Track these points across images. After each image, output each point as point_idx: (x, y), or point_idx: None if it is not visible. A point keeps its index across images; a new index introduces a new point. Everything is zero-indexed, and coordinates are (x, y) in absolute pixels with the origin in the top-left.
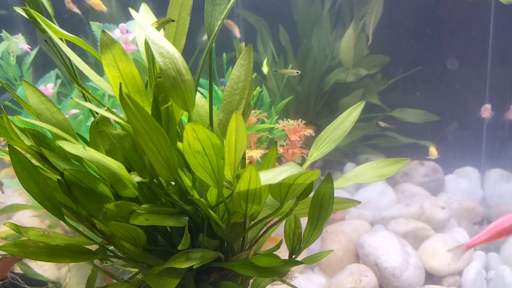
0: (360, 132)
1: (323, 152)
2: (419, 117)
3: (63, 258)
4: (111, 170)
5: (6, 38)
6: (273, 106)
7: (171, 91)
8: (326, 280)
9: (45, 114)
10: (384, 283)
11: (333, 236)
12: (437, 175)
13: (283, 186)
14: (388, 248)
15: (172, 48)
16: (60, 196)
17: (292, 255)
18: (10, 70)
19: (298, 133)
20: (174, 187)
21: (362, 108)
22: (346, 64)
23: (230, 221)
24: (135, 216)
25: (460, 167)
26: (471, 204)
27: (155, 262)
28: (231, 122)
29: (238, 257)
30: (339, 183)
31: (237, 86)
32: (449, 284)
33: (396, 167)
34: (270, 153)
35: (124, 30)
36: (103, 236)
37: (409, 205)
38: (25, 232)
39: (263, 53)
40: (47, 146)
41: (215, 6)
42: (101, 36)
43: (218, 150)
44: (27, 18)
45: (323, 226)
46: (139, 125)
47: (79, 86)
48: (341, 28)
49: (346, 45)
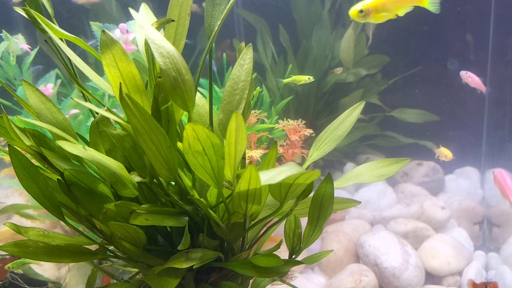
0: (360, 132)
1: (323, 152)
2: (419, 117)
3: (63, 258)
4: (111, 170)
5: (6, 38)
6: (273, 106)
7: (171, 91)
8: (326, 280)
9: (45, 114)
10: (384, 283)
11: (333, 236)
12: (437, 175)
13: (283, 186)
14: (388, 248)
15: (172, 48)
16: (60, 196)
17: (292, 255)
18: (10, 70)
19: (298, 133)
20: (174, 187)
21: (362, 108)
22: (346, 64)
23: (230, 221)
24: (135, 216)
25: (460, 167)
26: (471, 204)
27: (155, 262)
28: (231, 122)
29: (238, 257)
30: (339, 183)
31: (237, 86)
32: (449, 284)
33: (396, 167)
34: (270, 153)
35: (124, 30)
36: (103, 236)
37: (409, 205)
38: (25, 232)
39: (263, 53)
40: (47, 146)
41: (215, 6)
42: (101, 36)
43: (218, 150)
44: (27, 18)
45: (323, 226)
46: (139, 125)
47: (79, 86)
48: (341, 28)
49: (346, 45)
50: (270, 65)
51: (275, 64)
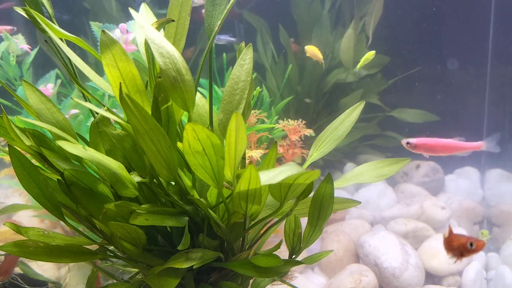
0: (360, 132)
1: (323, 152)
2: (419, 117)
3: (63, 258)
4: (111, 170)
5: (6, 38)
6: (273, 106)
7: (171, 91)
8: (326, 280)
9: (45, 114)
10: (384, 283)
11: (333, 236)
12: (437, 175)
13: (283, 186)
14: (388, 248)
15: (172, 48)
16: (60, 196)
17: (292, 255)
18: (10, 70)
19: (298, 133)
20: (174, 187)
21: (362, 108)
22: (346, 64)
23: (230, 221)
24: (135, 216)
25: (460, 167)
26: (471, 204)
27: (155, 262)
28: (231, 122)
29: (238, 257)
30: (339, 183)
31: (237, 86)
32: (449, 284)
33: (396, 167)
34: (270, 153)
35: (124, 30)
36: (103, 236)
37: (409, 205)
38: (25, 232)
39: (263, 53)
40: (47, 146)
41: (215, 6)
42: (101, 36)
43: (218, 150)
44: (27, 18)
45: (323, 226)
46: (139, 125)
47: (79, 86)
48: (341, 28)
49: (346, 45)
50: (270, 65)
51: (275, 64)
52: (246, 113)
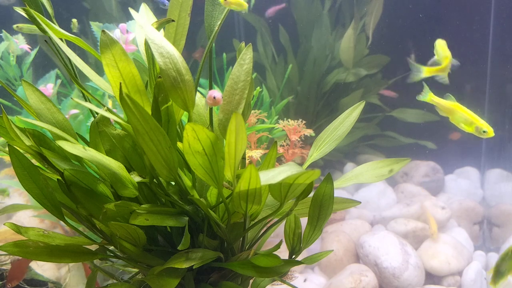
0: (360, 132)
1: (323, 152)
2: (419, 117)
3: (63, 258)
4: (111, 170)
5: (6, 38)
6: (273, 106)
7: (171, 91)
8: (326, 280)
9: (45, 114)
10: (384, 283)
11: (333, 236)
12: (437, 175)
13: (283, 186)
14: (388, 248)
15: (172, 48)
16: (60, 196)
17: (292, 255)
18: (10, 70)
19: (298, 133)
20: (174, 187)
21: (362, 108)
22: (346, 64)
23: (230, 221)
24: (135, 216)
25: (460, 167)
26: (471, 204)
27: (155, 262)
28: (231, 122)
29: (238, 257)
30: (339, 183)
31: (236, 86)
32: (449, 284)
33: (396, 167)
34: (270, 153)
35: (124, 30)
36: (103, 236)
37: (409, 205)
38: (25, 232)
39: (263, 53)
40: (47, 146)
41: (215, 6)
42: (101, 36)
43: (218, 150)
44: (27, 18)
45: (323, 226)
46: (139, 125)
47: (79, 86)
48: (341, 28)
49: (346, 45)
50: (270, 65)
51: (275, 64)
52: (246, 113)
